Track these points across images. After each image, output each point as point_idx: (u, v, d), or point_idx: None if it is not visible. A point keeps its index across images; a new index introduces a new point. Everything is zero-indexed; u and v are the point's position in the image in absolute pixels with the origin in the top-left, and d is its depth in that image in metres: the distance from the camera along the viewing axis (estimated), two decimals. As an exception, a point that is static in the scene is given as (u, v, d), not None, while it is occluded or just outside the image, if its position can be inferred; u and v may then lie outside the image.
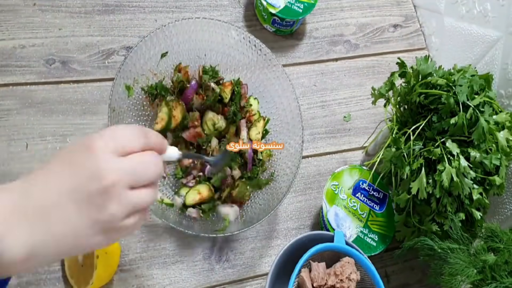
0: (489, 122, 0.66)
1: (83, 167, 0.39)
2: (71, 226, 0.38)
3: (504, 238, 0.64)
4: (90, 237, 0.39)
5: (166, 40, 0.72)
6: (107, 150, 0.39)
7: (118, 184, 0.39)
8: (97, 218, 0.39)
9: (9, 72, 0.74)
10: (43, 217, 0.37)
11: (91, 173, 0.38)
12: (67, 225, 0.38)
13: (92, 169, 0.38)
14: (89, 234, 0.39)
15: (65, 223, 0.38)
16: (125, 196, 0.39)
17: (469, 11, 0.86)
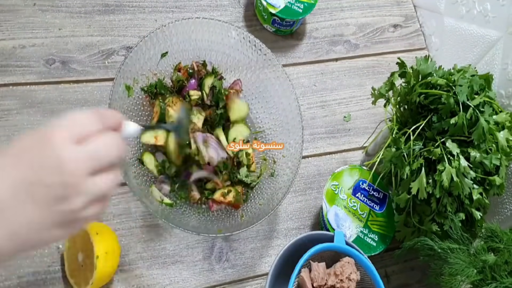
0: (489, 122, 0.66)
1: (40, 159, 0.37)
2: (29, 222, 0.37)
3: (504, 238, 0.64)
4: (50, 231, 0.38)
5: (166, 40, 0.72)
6: (64, 139, 0.38)
7: (77, 173, 0.37)
8: (57, 211, 0.37)
9: (9, 72, 0.74)
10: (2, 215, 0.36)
11: (49, 165, 0.37)
12: (25, 221, 0.37)
13: (50, 161, 0.37)
14: (49, 228, 0.38)
15: (23, 219, 0.37)
16: (86, 186, 0.38)
17: (469, 11, 0.86)
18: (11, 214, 0.36)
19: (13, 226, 0.37)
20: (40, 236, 0.38)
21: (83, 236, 0.64)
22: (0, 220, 0.36)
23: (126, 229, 0.71)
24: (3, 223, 0.36)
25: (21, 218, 0.37)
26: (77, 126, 0.39)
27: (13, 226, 0.37)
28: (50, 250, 0.67)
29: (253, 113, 0.79)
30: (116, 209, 0.72)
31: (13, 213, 0.36)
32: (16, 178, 0.37)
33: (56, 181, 0.37)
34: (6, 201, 0.36)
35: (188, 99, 0.73)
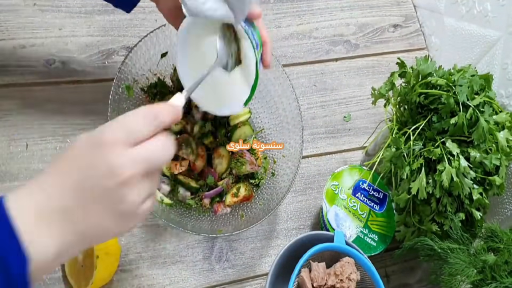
0: (489, 122, 0.66)
1: (96, 164, 0.39)
2: (94, 223, 0.39)
3: (504, 238, 0.64)
4: (113, 228, 0.40)
5: (166, 40, 0.72)
6: (118, 143, 0.39)
7: (134, 176, 0.39)
8: (118, 210, 0.39)
9: (9, 72, 0.74)
10: (66, 217, 0.38)
11: (107, 170, 0.38)
12: (90, 223, 0.39)
13: (107, 166, 0.38)
14: (112, 226, 0.40)
15: (88, 221, 0.39)
16: (142, 185, 0.40)
17: (469, 11, 0.86)
18: (79, 218, 0.39)
19: (83, 229, 0.39)
20: (106, 233, 0.40)
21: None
22: (70, 225, 0.38)
23: (126, 229, 0.71)
24: (73, 227, 0.38)
25: (88, 221, 0.39)
26: (132, 129, 0.40)
27: (82, 229, 0.39)
28: (50, 250, 0.67)
29: (253, 113, 0.79)
30: (116, 209, 0.72)
31: (81, 217, 0.39)
32: (74, 184, 0.39)
33: (115, 185, 0.38)
34: (73, 207, 0.38)
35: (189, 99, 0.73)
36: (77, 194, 0.39)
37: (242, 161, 0.71)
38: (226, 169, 0.73)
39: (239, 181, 0.74)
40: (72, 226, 0.38)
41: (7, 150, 0.70)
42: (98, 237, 0.41)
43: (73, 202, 0.38)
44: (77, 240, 0.39)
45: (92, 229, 0.39)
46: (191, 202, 0.71)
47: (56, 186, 0.39)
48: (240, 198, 0.71)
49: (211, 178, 0.71)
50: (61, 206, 0.38)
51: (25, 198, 0.38)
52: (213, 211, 0.72)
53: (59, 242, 0.38)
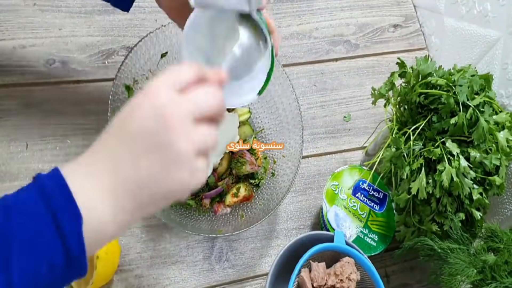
0: (489, 122, 0.66)
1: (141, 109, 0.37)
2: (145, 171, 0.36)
3: (504, 238, 0.64)
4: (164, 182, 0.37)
5: (166, 40, 0.72)
6: (162, 87, 0.37)
7: (181, 115, 0.37)
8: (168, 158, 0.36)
9: (9, 72, 0.74)
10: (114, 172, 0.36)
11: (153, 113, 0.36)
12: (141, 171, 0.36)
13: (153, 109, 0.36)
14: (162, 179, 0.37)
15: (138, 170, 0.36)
16: (192, 133, 0.37)
17: (469, 11, 0.86)
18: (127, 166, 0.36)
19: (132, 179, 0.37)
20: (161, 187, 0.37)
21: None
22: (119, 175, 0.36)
23: (126, 229, 0.72)
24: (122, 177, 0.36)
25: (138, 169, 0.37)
26: (177, 74, 0.39)
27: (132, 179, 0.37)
28: (50, 250, 0.67)
29: (253, 113, 0.79)
30: (116, 209, 0.72)
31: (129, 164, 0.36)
32: (123, 135, 0.37)
33: (159, 127, 0.36)
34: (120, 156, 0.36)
35: None
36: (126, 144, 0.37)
37: (242, 161, 0.71)
38: (226, 169, 0.73)
39: (239, 181, 0.74)
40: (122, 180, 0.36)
41: (7, 150, 0.70)
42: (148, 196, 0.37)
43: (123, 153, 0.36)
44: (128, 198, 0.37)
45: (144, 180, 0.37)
46: (191, 202, 0.71)
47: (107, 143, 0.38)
48: (240, 198, 0.71)
49: (211, 178, 0.71)
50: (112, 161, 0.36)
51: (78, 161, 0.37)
52: (213, 211, 0.72)
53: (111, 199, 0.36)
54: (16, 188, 0.37)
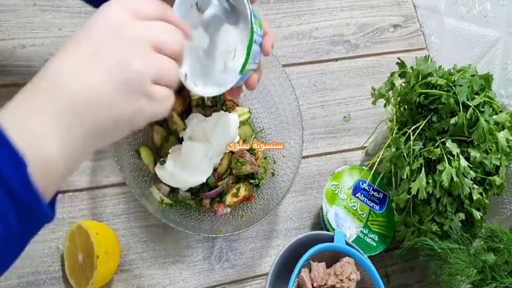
0: (489, 122, 0.66)
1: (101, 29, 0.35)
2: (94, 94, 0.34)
3: (504, 238, 0.64)
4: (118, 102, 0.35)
5: (166, 40, 0.72)
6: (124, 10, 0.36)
7: (140, 37, 0.35)
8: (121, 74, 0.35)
9: (9, 72, 0.74)
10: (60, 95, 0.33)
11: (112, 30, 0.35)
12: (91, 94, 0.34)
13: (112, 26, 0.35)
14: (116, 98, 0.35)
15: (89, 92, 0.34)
16: (148, 53, 0.36)
17: (469, 11, 0.86)
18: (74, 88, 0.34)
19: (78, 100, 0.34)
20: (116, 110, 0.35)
21: (83, 236, 0.64)
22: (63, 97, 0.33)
23: (126, 229, 0.71)
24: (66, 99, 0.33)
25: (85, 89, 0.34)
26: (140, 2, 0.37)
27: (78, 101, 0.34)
28: (50, 250, 0.67)
29: (253, 113, 0.79)
30: (116, 209, 0.72)
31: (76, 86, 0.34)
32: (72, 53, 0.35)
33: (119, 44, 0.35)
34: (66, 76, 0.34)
35: (189, 99, 0.73)
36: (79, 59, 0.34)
37: (242, 161, 0.71)
38: (226, 169, 0.73)
39: (239, 181, 0.74)
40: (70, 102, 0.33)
41: (7, 150, 0.70)
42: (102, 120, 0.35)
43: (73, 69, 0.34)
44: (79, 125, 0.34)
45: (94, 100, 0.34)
46: (191, 202, 0.71)
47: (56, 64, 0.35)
48: (240, 198, 0.71)
49: (211, 178, 0.71)
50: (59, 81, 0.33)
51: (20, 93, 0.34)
52: (213, 211, 0.72)
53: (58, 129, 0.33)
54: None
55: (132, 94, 0.35)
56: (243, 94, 0.79)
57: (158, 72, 0.36)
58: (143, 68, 0.35)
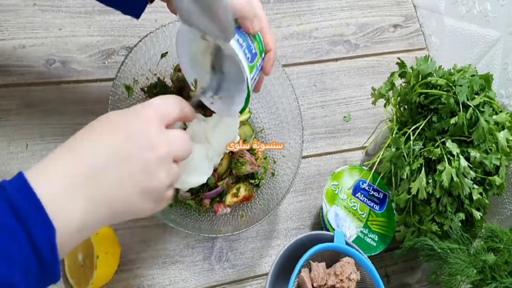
0: (489, 122, 0.66)
1: (137, 134, 0.40)
2: (122, 192, 0.39)
3: (504, 238, 0.64)
4: (140, 204, 0.41)
5: (166, 40, 0.72)
6: (157, 120, 0.41)
7: (169, 155, 0.41)
8: (148, 186, 0.40)
9: (9, 72, 0.74)
10: (95, 181, 0.38)
11: (146, 142, 0.40)
12: (119, 191, 0.39)
13: (147, 138, 0.40)
14: (139, 201, 0.41)
15: (117, 188, 0.39)
16: (171, 167, 0.42)
17: (469, 11, 0.86)
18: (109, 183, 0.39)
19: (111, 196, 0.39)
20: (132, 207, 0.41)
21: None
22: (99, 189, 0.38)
23: (126, 229, 0.71)
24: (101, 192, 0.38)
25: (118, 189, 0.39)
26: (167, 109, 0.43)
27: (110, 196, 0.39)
28: (50, 250, 0.67)
29: (253, 113, 0.79)
30: (116, 209, 0.72)
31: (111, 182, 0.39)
32: (113, 149, 0.39)
33: (152, 158, 0.40)
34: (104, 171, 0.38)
35: (189, 99, 0.73)
36: (112, 158, 0.39)
37: (242, 161, 0.71)
38: (226, 169, 0.73)
39: (239, 181, 0.74)
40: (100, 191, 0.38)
41: (7, 150, 0.70)
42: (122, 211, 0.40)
43: (106, 166, 0.38)
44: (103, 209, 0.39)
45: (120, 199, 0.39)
46: (191, 202, 0.71)
47: (89, 149, 0.39)
48: (240, 198, 0.71)
49: (211, 178, 0.71)
50: (92, 170, 0.38)
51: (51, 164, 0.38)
52: (213, 211, 0.72)
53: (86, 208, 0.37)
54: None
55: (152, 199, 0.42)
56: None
57: (173, 181, 0.44)
58: (165, 180, 0.42)
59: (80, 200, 0.37)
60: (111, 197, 0.39)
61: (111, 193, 0.39)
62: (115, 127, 0.41)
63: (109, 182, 0.39)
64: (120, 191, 0.39)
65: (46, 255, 0.35)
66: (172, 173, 0.43)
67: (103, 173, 0.38)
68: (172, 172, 0.43)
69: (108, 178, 0.38)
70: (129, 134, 0.40)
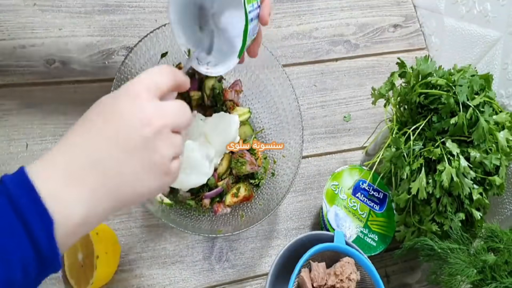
0: (489, 122, 0.66)
1: (129, 114, 0.40)
2: (126, 175, 0.39)
3: (504, 238, 0.64)
4: (146, 181, 0.41)
5: (166, 40, 0.72)
6: (149, 94, 0.41)
7: (166, 126, 0.41)
8: (150, 161, 0.40)
9: (9, 72, 0.74)
10: (98, 169, 0.38)
11: (141, 119, 0.40)
12: (122, 175, 0.39)
13: (141, 115, 0.40)
14: (145, 179, 0.40)
15: (120, 174, 0.39)
16: (171, 139, 0.42)
17: (469, 11, 0.86)
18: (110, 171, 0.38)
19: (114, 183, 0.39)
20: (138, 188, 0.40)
21: (83, 236, 0.64)
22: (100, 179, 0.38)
23: (126, 229, 0.71)
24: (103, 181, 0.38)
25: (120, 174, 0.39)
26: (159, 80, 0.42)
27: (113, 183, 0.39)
28: (50, 250, 0.67)
29: (253, 113, 0.79)
30: (116, 209, 0.72)
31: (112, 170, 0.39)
32: (110, 135, 0.39)
33: (150, 133, 0.40)
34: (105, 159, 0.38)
35: (189, 99, 0.73)
36: (111, 144, 0.39)
37: (242, 161, 0.71)
38: (226, 169, 0.73)
39: (239, 181, 0.74)
40: (103, 179, 0.38)
41: (7, 150, 0.70)
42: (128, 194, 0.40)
43: (107, 152, 0.38)
44: (107, 197, 0.38)
45: (124, 183, 0.39)
46: (191, 202, 0.71)
47: (87, 140, 0.39)
48: (240, 198, 0.71)
49: (211, 178, 0.71)
50: (94, 159, 0.38)
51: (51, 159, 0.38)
52: (213, 211, 0.72)
53: (88, 199, 0.37)
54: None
55: (157, 173, 0.41)
56: (243, 94, 0.79)
57: (177, 151, 0.43)
58: (167, 152, 0.41)
59: (82, 191, 0.37)
60: (115, 182, 0.39)
61: (115, 179, 0.39)
62: (107, 111, 0.40)
63: (111, 168, 0.38)
64: (123, 174, 0.39)
65: (44, 248, 0.35)
66: (174, 144, 0.42)
67: (103, 161, 0.38)
68: (174, 143, 0.42)
69: (109, 165, 0.38)
70: (121, 116, 0.40)
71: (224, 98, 0.76)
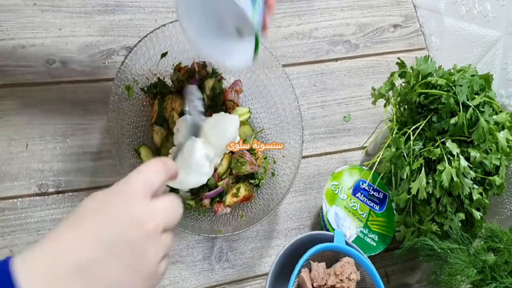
0: (489, 122, 0.66)
1: (120, 216, 0.38)
2: (110, 281, 0.37)
3: (504, 238, 0.64)
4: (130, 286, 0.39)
5: (166, 40, 0.72)
6: (143, 194, 0.40)
7: (157, 228, 0.40)
8: (138, 267, 0.39)
9: (9, 72, 0.74)
10: (81, 275, 0.36)
11: (131, 221, 0.38)
12: (108, 280, 0.37)
13: (130, 218, 0.38)
14: (129, 284, 0.39)
15: (105, 279, 0.37)
16: (161, 240, 0.40)
17: (469, 11, 0.86)
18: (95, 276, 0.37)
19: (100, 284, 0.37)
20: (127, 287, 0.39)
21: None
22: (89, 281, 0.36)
23: (126, 229, 0.71)
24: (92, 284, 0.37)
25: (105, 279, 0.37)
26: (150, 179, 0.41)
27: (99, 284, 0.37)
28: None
29: (253, 113, 0.79)
30: (116, 209, 0.72)
31: (97, 274, 0.37)
32: (98, 237, 0.37)
33: (139, 236, 0.38)
34: (90, 263, 0.36)
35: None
36: (98, 247, 0.37)
37: (242, 161, 0.71)
38: (226, 169, 0.73)
39: (239, 181, 0.74)
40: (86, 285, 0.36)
41: (7, 150, 0.70)
42: None
43: (92, 257, 0.37)
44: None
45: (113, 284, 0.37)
46: (191, 202, 0.71)
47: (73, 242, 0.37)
48: (240, 198, 0.71)
49: (211, 178, 0.71)
50: (79, 264, 0.36)
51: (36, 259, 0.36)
52: (213, 211, 0.72)
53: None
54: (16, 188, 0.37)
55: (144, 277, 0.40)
56: (243, 94, 0.79)
57: (166, 252, 0.42)
58: (156, 256, 0.40)
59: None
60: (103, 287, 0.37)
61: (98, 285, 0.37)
62: (98, 210, 0.39)
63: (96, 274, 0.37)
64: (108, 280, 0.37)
65: None
66: (164, 245, 0.41)
67: (89, 265, 0.36)
68: (164, 244, 0.41)
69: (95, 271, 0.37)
70: (112, 217, 0.38)
71: (224, 98, 0.76)
